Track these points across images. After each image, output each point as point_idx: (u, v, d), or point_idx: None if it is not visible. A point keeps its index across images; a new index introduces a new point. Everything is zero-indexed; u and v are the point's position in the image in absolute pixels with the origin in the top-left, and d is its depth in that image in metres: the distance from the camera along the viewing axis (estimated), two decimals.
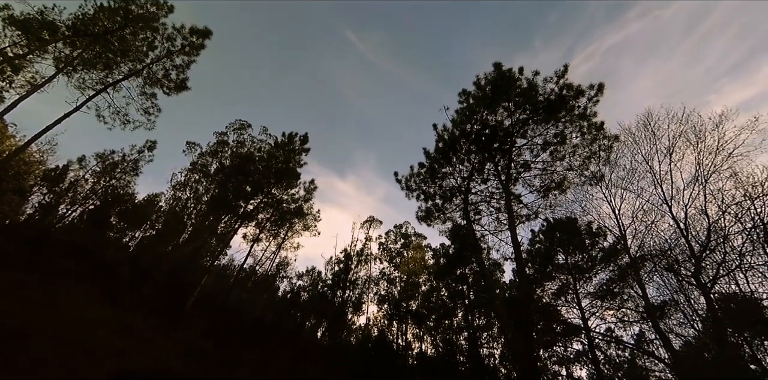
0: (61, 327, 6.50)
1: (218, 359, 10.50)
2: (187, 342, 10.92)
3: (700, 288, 11.36)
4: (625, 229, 10.91)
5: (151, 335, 9.89)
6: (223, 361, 10.39)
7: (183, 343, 10.53)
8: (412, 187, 12.29)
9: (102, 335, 7.32)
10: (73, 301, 9.06)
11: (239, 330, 15.97)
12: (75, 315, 7.88)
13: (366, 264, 18.53)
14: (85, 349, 5.91)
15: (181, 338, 11.08)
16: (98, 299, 10.30)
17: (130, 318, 10.32)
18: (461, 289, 16.78)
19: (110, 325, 8.48)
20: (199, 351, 10.51)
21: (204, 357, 9.90)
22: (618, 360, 16.13)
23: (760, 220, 10.40)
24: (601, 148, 9.62)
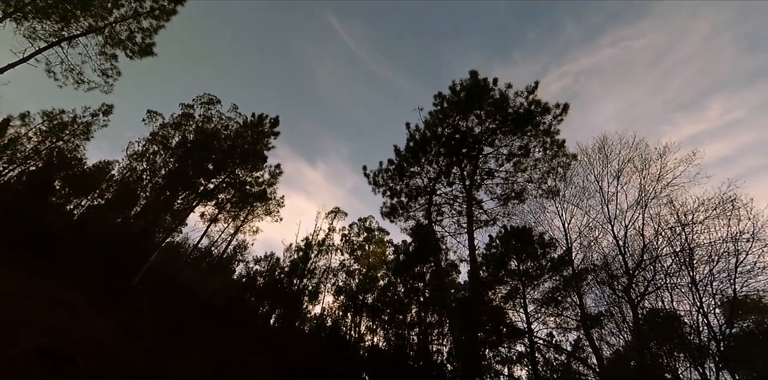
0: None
1: (158, 340, 10.53)
2: (128, 321, 10.84)
3: (630, 302, 12.67)
4: (572, 243, 11.93)
5: (88, 311, 9.74)
6: (163, 343, 10.43)
7: (122, 322, 10.45)
8: (380, 183, 12.67)
9: (33, 309, 7.18)
10: (1, 271, 8.73)
11: (187, 312, 15.89)
12: (2, 286, 7.65)
13: (327, 255, 18.88)
14: (11, 324, 5.84)
15: (121, 316, 10.97)
16: (32, 270, 9.94)
17: (67, 292, 10.08)
18: (417, 286, 17.58)
19: (43, 299, 8.28)
20: (139, 331, 10.49)
21: (143, 338, 9.91)
22: (555, 364, 17.59)
23: (688, 245, 11.73)
24: (560, 164, 10.39)
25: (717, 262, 11.75)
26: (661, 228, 11.34)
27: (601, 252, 12.15)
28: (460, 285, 17.76)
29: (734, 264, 11.52)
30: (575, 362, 16.13)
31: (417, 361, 20.07)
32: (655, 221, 11.24)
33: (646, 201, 10.34)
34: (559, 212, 11.84)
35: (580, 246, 11.95)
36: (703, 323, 12.60)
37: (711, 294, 12.61)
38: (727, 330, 12.92)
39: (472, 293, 14.97)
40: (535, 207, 12.32)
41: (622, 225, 11.29)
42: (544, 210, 12.26)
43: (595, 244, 11.64)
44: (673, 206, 10.31)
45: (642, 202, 10.49)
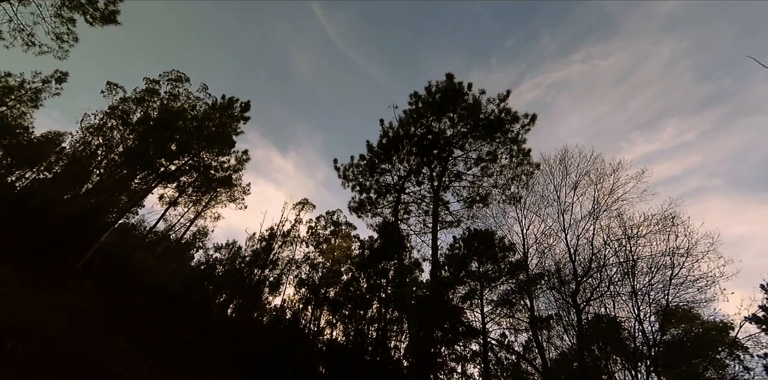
0: None
1: (102, 323, 10.20)
2: (69, 303, 10.41)
3: (575, 307, 13.65)
4: (528, 248, 12.64)
5: (26, 292, 9.28)
6: (107, 326, 10.12)
7: (62, 303, 10.03)
8: (350, 177, 12.79)
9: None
10: None
11: (137, 296, 15.38)
12: None
13: (291, 246, 18.82)
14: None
15: (61, 297, 10.51)
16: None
17: (3, 270, 9.52)
18: (380, 283, 17.96)
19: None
20: (81, 312, 10.11)
21: (84, 320, 9.58)
22: (506, 363, 18.57)
23: (631, 257, 12.77)
24: (524, 172, 10.96)
25: (655, 274, 12.88)
26: (609, 240, 12.29)
27: (554, 258, 12.99)
28: (422, 283, 18.31)
29: (669, 277, 12.67)
30: (524, 362, 17.15)
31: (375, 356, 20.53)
32: (604, 232, 12.16)
33: (598, 213, 11.15)
34: (519, 218, 12.52)
35: (535, 251, 12.72)
36: (639, 329, 13.82)
37: (648, 303, 13.82)
38: (660, 336, 14.26)
39: (433, 292, 15.48)
40: (498, 212, 12.95)
41: (575, 234, 12.11)
42: (505, 216, 12.90)
43: (549, 251, 12.43)
44: (621, 219, 11.19)
45: (594, 214, 11.30)
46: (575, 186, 11.08)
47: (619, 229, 11.72)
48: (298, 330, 22.60)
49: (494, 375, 17.74)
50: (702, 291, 12.49)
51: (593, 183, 11.02)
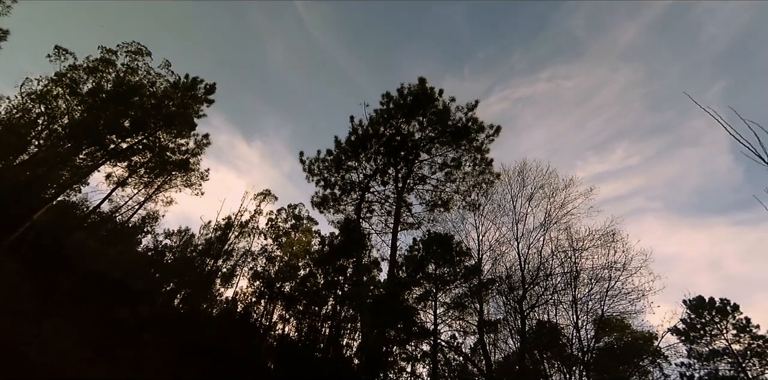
0: None
1: (24, 307, 9.49)
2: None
3: (521, 313, 14.46)
4: (483, 254, 13.23)
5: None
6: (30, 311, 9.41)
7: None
8: (315, 172, 12.73)
9: None
10: None
11: (71, 281, 14.35)
12: None
13: (248, 237, 18.36)
14: None
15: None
16: None
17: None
18: (337, 280, 17.99)
19: None
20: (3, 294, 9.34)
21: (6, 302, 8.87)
22: (453, 364, 19.25)
23: (575, 268, 13.73)
24: (485, 181, 11.45)
25: (594, 285, 13.95)
26: (557, 250, 13.15)
27: (506, 265, 13.69)
28: (379, 282, 18.56)
29: (606, 288, 13.77)
30: (471, 364, 17.90)
31: (326, 353, 20.53)
32: (553, 243, 13.00)
33: (549, 224, 11.90)
34: (477, 225, 13.07)
35: (488, 258, 13.33)
36: (576, 336, 14.91)
37: (586, 312, 14.94)
38: (594, 343, 15.46)
39: (389, 291, 15.72)
40: (457, 218, 13.42)
41: (527, 243, 12.84)
42: (464, 221, 13.40)
43: (501, 258, 13.07)
44: (568, 232, 12.01)
45: (545, 225, 12.04)
46: (530, 197, 11.77)
47: (566, 241, 12.57)
48: (249, 324, 22.13)
49: (442, 375, 18.38)
50: (633, 303, 13.69)
51: (547, 196, 11.76)
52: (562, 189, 11.67)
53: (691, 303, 15.22)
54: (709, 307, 14.85)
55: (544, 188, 11.62)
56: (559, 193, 11.68)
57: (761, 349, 13.79)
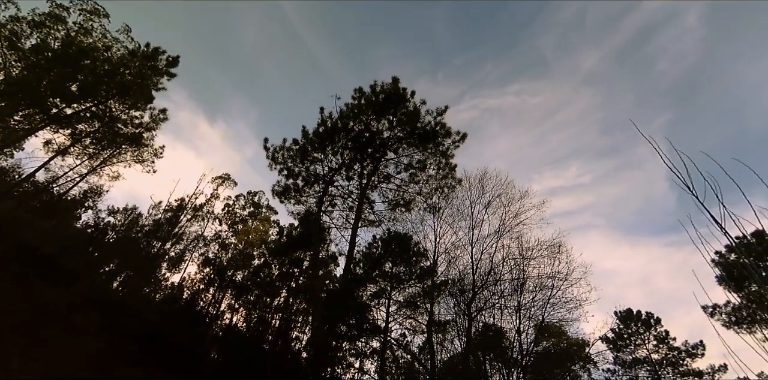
0: None
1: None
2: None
3: (468, 315, 15.15)
4: (438, 256, 13.70)
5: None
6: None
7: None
8: (279, 160, 12.53)
9: None
10: None
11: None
12: None
13: (202, 222, 17.73)
14: None
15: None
16: None
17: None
18: (293, 272, 17.88)
19: None
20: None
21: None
22: (401, 362, 19.76)
23: (522, 275, 14.57)
24: (447, 185, 11.82)
25: (538, 293, 14.89)
26: (507, 258, 13.91)
27: (459, 268, 14.28)
28: (335, 277, 18.66)
29: (548, 296, 14.74)
30: (417, 362, 18.51)
31: (274, 346, 20.37)
32: (504, 250, 13.73)
33: (502, 232, 12.55)
34: (435, 227, 13.53)
35: (443, 260, 13.82)
36: (517, 340, 15.87)
37: (528, 318, 15.92)
38: (533, 348, 16.52)
39: (344, 287, 15.86)
40: (417, 219, 13.80)
41: (480, 248, 13.48)
42: (423, 223, 13.81)
43: (455, 261, 13.60)
44: (520, 241, 12.75)
45: (499, 233, 12.68)
46: (488, 205, 12.37)
47: (516, 250, 13.34)
48: (195, 311, 21.47)
49: (389, 372, 18.87)
50: (571, 312, 14.80)
51: (503, 205, 12.41)
52: (518, 199, 12.38)
53: (620, 314, 16.79)
54: (635, 319, 16.47)
55: (501, 197, 12.27)
56: (514, 203, 12.37)
57: (675, 359, 15.49)
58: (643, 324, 16.16)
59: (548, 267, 13.39)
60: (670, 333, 16.05)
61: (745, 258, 8.42)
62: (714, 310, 12.44)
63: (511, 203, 12.32)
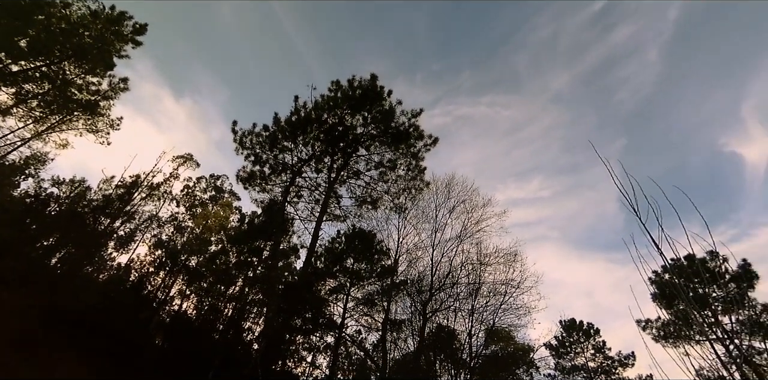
0: None
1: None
2: None
3: (423, 315, 15.57)
4: (400, 256, 13.98)
5: None
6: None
7: None
8: (246, 145, 12.27)
9: None
10: None
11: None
12: None
13: (158, 202, 16.99)
14: None
15: None
16: None
17: None
18: (251, 261, 17.58)
19: None
20: None
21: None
22: (354, 358, 19.98)
23: (478, 280, 15.15)
24: (415, 187, 12.05)
25: (491, 298, 15.56)
26: (466, 262, 14.42)
27: (418, 269, 14.65)
28: (295, 270, 18.56)
29: (500, 302, 15.44)
30: (370, 359, 18.83)
31: (225, 335, 20.02)
32: (464, 255, 14.23)
33: (463, 237, 12.99)
34: (399, 227, 13.79)
35: (404, 260, 14.12)
36: (468, 342, 16.53)
37: (480, 321, 16.61)
38: (483, 350, 17.25)
39: (303, 280, 15.83)
40: (383, 217, 13.99)
41: (441, 251, 13.90)
42: (388, 222, 14.03)
43: (415, 262, 13.94)
44: (479, 247, 13.26)
45: (460, 237, 13.12)
46: (452, 210, 12.76)
47: (475, 255, 13.87)
48: (142, 295, 20.67)
49: (341, 368, 19.06)
50: (520, 318, 15.62)
51: (466, 211, 12.86)
52: (481, 206, 12.87)
53: (564, 323, 17.99)
54: (578, 329, 17.69)
55: (466, 203, 12.70)
56: (477, 210, 12.85)
57: (609, 368, 16.81)
58: (583, 334, 17.39)
59: (503, 274, 14.04)
60: (606, 343, 17.45)
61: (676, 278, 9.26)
62: (646, 324, 13.63)
63: (474, 210, 12.81)
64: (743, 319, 10.98)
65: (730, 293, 11.00)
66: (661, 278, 10.82)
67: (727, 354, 1.89)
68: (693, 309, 6.33)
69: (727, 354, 1.87)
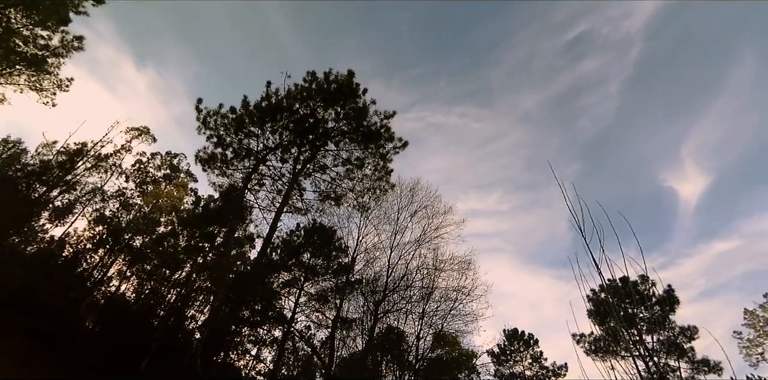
0: None
1: None
2: None
3: (374, 315, 15.87)
4: (358, 254, 14.17)
5: None
6: None
7: None
8: (210, 125, 11.89)
9: None
10: None
11: None
12: None
13: (104, 174, 16.03)
14: None
15: None
16: None
17: None
18: (203, 246, 17.10)
19: None
20: None
21: None
22: (300, 353, 19.96)
23: (432, 285, 15.64)
24: (380, 188, 12.22)
25: (442, 303, 16.15)
26: (421, 266, 14.86)
27: (374, 270, 14.92)
28: (248, 259, 18.26)
29: (450, 308, 16.07)
30: (317, 356, 18.92)
31: (166, 322, 19.39)
32: (420, 259, 14.66)
33: (422, 242, 13.37)
34: (360, 226, 13.96)
35: (362, 259, 14.34)
36: (415, 345, 17.06)
37: (429, 325, 17.19)
38: (429, 354, 17.84)
39: (256, 271, 15.61)
40: (345, 214, 14.09)
41: (399, 254, 14.24)
42: (349, 220, 14.16)
43: (373, 262, 14.20)
44: (435, 253, 13.71)
45: (419, 242, 13.49)
46: (414, 214, 13.10)
47: (431, 260, 14.33)
48: (75, 273, 19.52)
49: (286, 363, 18.99)
50: (467, 325, 16.33)
51: (427, 216, 13.26)
52: (442, 213, 13.32)
53: (507, 332, 19.09)
54: (519, 338, 18.82)
55: (428, 209, 13.09)
56: (438, 217, 13.29)
57: (543, 377, 18.02)
58: (524, 344, 18.54)
59: (456, 280, 14.60)
60: (543, 353, 18.72)
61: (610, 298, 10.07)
62: (580, 338, 14.75)
63: (436, 216, 13.23)
64: (663, 339, 12.27)
65: (655, 315, 12.26)
66: (598, 296, 11.77)
67: (647, 371, 2.17)
68: (622, 327, 6.95)
69: (647, 370, 2.16)
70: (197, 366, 10.92)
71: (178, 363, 14.08)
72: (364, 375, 16.79)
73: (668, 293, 12.33)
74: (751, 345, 25.00)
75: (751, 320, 27.59)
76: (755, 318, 25.55)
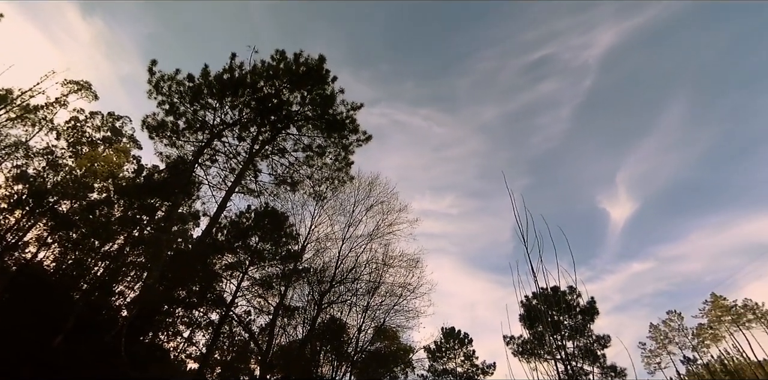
0: None
1: None
2: None
3: (318, 305, 16.24)
4: (309, 243, 14.36)
5: None
6: None
7: None
8: (163, 90, 11.37)
9: None
10: None
11: None
12: None
13: (31, 127, 14.68)
14: None
15: None
16: None
17: None
18: (140, 219, 16.36)
19: None
20: None
21: None
22: (237, 339, 19.89)
23: (379, 279, 16.23)
24: (339, 178, 12.41)
25: (386, 298, 16.86)
26: (371, 261, 15.37)
27: (324, 260, 15.23)
28: (190, 237, 17.79)
29: (394, 303, 16.82)
30: (254, 342, 19.00)
31: (89, 296, 18.49)
32: (371, 253, 15.15)
33: (375, 237, 13.82)
34: (314, 215, 14.13)
35: (312, 248, 14.56)
36: (356, 337, 17.70)
37: (372, 319, 17.90)
38: (369, 346, 18.60)
39: (198, 250, 15.35)
40: (299, 201, 14.19)
41: (350, 246, 14.64)
42: (304, 207, 14.27)
43: (323, 251, 14.48)
44: (386, 248, 14.24)
45: (372, 236, 13.93)
46: (369, 208, 13.48)
47: (381, 255, 14.86)
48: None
49: (220, 347, 18.88)
50: (408, 320, 17.21)
51: (382, 212, 13.72)
52: (397, 211, 13.84)
53: (445, 330, 20.39)
54: (455, 336, 20.19)
55: (383, 205, 13.54)
56: (392, 213, 13.80)
57: (473, 374, 19.52)
58: (459, 342, 19.93)
59: (403, 277, 15.29)
60: (476, 352, 20.26)
61: (541, 305, 11.08)
62: (510, 340, 16.15)
63: (390, 212, 13.71)
64: (581, 345, 13.86)
65: (577, 323, 13.80)
66: (530, 302, 12.96)
67: (564, 373, 2.56)
68: (548, 332, 7.76)
69: (565, 372, 2.55)
70: (120, 344, 10.69)
71: (99, 341, 13.60)
72: (300, 364, 17.19)
73: (590, 304, 13.94)
74: (651, 355, 28.88)
75: (654, 333, 31.74)
76: (658, 331, 29.53)
